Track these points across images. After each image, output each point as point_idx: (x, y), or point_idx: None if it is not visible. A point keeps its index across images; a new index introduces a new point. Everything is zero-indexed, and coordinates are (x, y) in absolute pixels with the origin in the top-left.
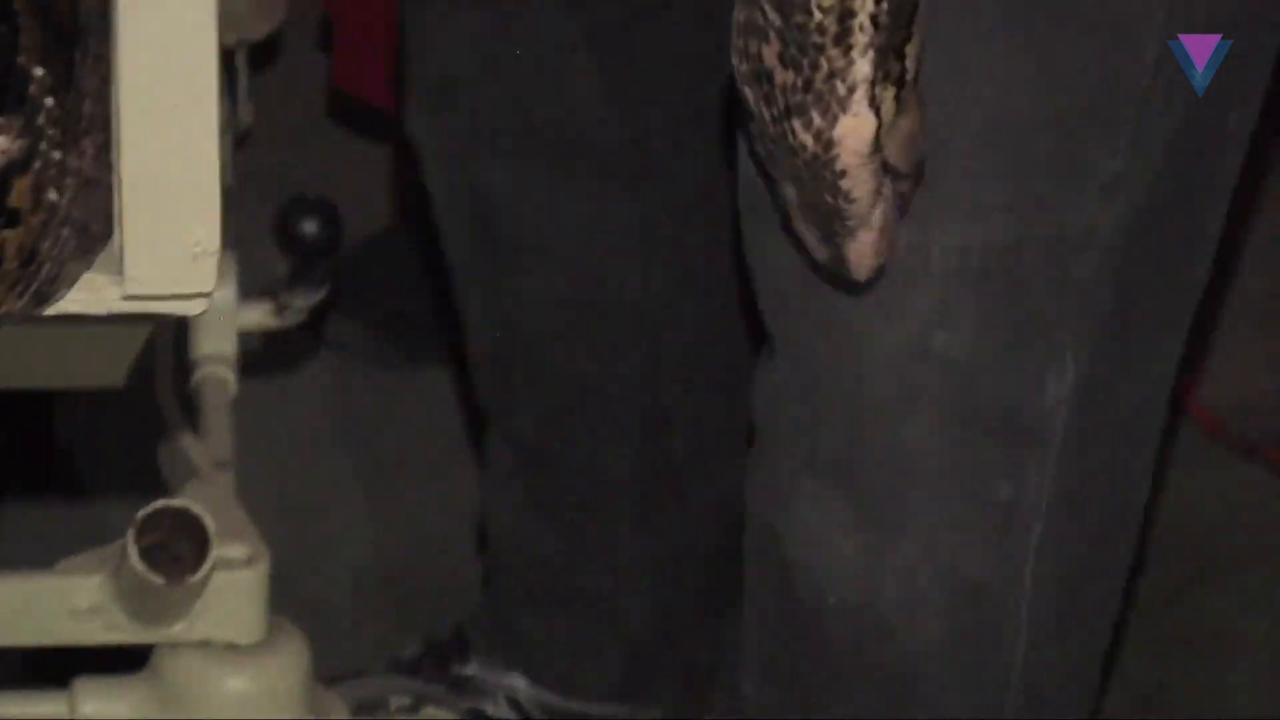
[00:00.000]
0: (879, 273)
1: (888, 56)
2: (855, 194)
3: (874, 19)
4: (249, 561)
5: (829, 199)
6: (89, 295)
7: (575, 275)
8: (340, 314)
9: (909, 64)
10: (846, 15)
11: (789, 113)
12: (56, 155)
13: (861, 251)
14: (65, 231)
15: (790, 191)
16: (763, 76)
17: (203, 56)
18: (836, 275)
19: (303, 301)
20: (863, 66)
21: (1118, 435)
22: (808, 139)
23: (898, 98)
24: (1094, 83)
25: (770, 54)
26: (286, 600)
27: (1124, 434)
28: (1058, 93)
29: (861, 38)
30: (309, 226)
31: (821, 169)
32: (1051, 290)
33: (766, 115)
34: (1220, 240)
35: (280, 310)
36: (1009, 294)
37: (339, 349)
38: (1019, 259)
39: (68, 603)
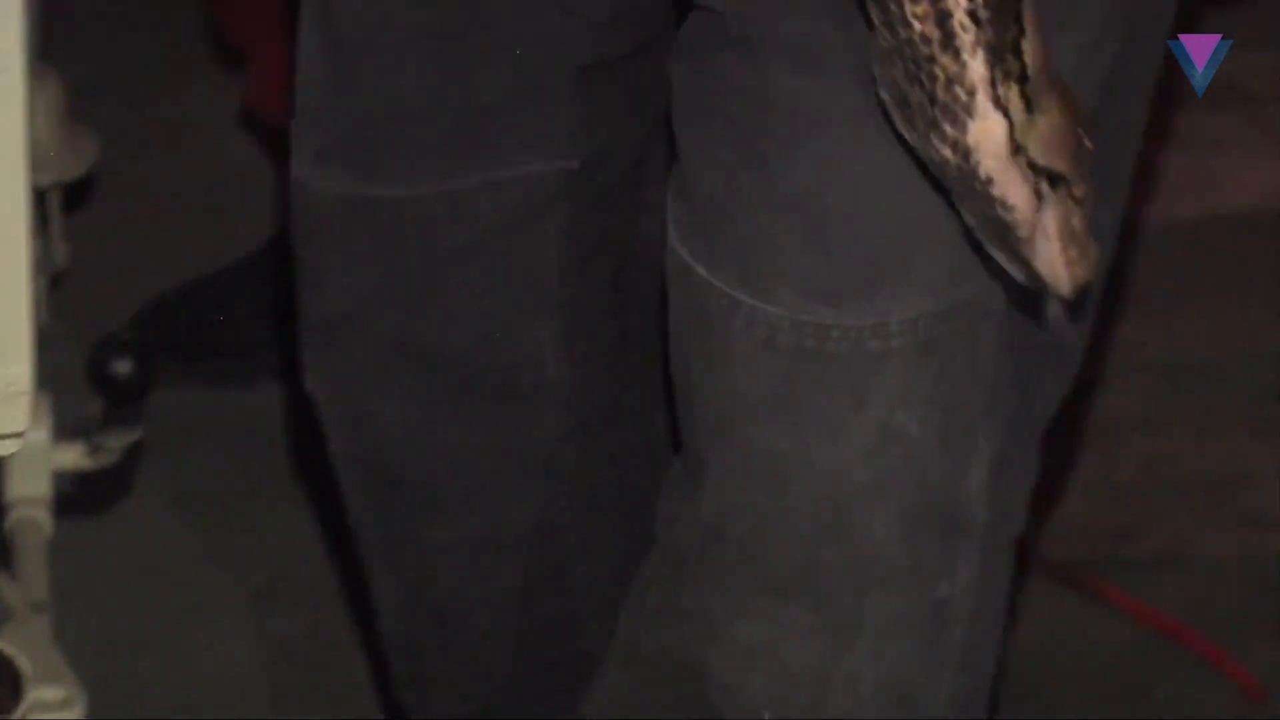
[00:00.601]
0: (1086, 289)
1: (1003, 55)
2: (1011, 200)
3: (972, 15)
4: (65, 703)
5: (992, 212)
6: None
7: (480, 518)
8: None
9: (1028, 59)
10: (943, 17)
11: (928, 131)
12: None
13: (1051, 263)
14: None
15: (968, 217)
16: (901, 101)
17: (13, 198)
18: (1044, 295)
19: (116, 442)
20: (976, 67)
21: (1007, 536)
22: (947, 152)
23: (1024, 95)
24: None
25: (900, 76)
26: None
27: (1009, 535)
28: None
29: (966, 37)
30: (122, 367)
31: (970, 180)
32: (966, 364)
33: (914, 139)
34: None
35: (94, 451)
36: (940, 367)
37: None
38: (945, 328)
39: None
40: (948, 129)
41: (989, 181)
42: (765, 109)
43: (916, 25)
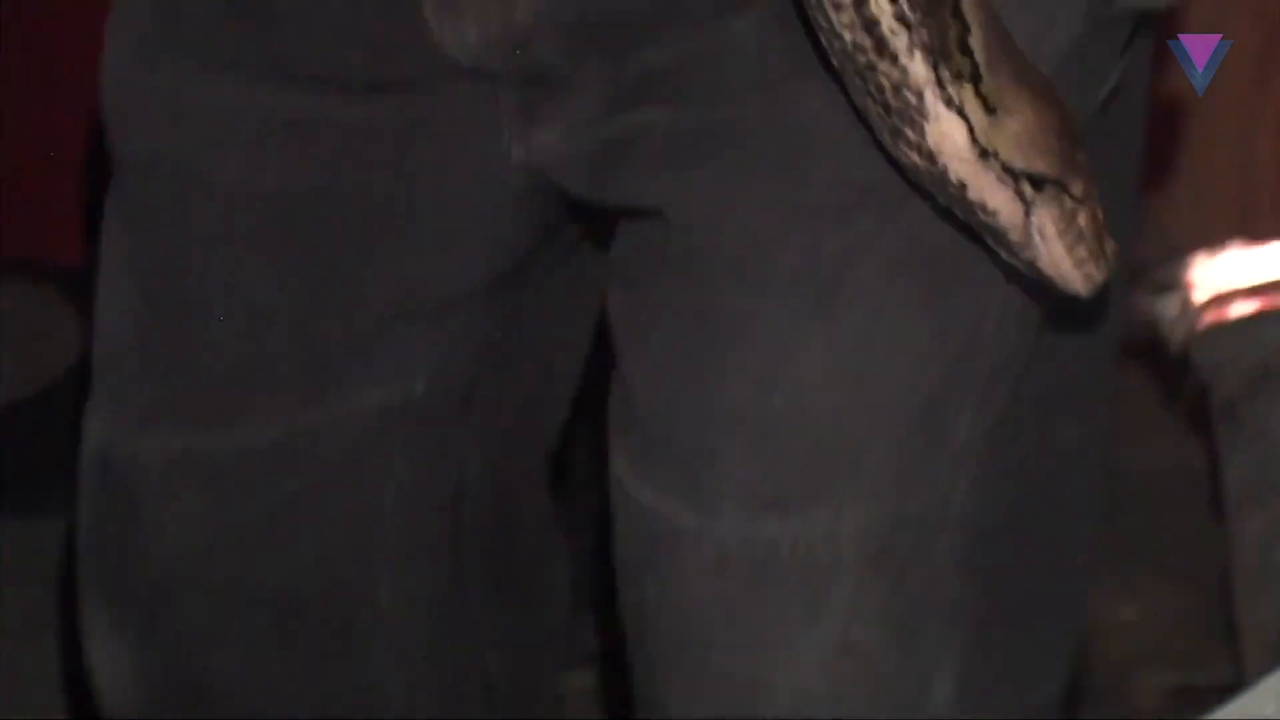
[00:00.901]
0: (1101, 286)
1: (948, 54)
2: (991, 205)
3: (899, 18)
4: None
5: (975, 218)
6: None
7: None
8: None
9: (979, 57)
10: (870, 24)
11: (894, 139)
12: None
13: (1056, 265)
14: None
15: (973, 224)
16: (865, 111)
17: None
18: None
19: None
20: (917, 69)
21: None
22: (915, 157)
23: (980, 94)
24: (955, 345)
25: (859, 92)
26: None
27: None
28: (927, 363)
29: (898, 41)
30: None
31: (943, 185)
32: (923, 577)
33: (889, 146)
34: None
35: None
36: (894, 579)
37: None
38: (896, 540)
39: None
40: (909, 133)
41: (961, 186)
42: (705, 326)
43: (847, 35)
